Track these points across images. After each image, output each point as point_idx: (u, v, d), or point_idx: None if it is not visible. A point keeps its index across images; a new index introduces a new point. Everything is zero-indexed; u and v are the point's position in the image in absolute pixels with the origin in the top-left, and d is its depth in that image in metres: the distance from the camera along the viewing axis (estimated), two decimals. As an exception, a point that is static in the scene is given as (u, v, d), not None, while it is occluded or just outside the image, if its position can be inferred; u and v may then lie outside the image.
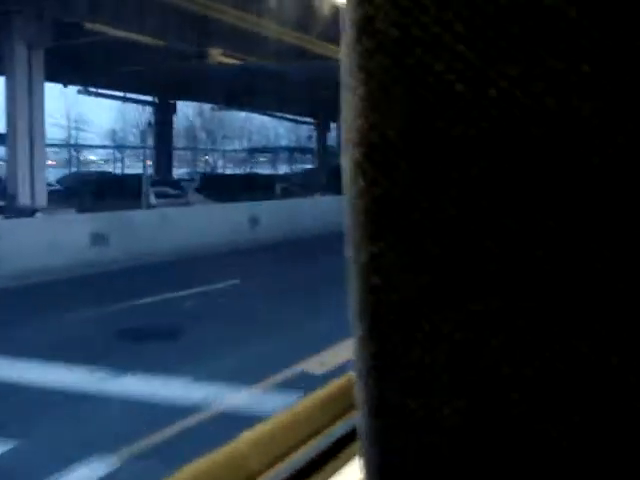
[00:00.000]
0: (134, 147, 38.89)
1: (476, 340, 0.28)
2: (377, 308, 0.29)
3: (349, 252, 0.30)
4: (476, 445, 0.28)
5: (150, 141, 28.97)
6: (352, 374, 0.32)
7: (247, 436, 0.81)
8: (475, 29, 0.26)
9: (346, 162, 0.30)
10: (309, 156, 39.27)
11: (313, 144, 36.37)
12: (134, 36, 16.69)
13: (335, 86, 0.31)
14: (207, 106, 37.41)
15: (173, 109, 30.78)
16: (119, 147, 41.26)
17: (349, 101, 0.29)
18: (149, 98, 30.51)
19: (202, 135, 44.86)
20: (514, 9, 0.25)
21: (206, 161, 45.31)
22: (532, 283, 0.27)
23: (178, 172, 35.43)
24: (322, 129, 33.85)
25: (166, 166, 30.06)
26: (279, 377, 6.17)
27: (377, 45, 0.28)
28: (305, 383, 5.51)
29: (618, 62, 0.25)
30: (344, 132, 0.30)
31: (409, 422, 0.29)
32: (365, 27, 0.28)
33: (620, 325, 0.26)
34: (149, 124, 29.86)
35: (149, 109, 32.28)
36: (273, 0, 15.92)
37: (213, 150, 44.91)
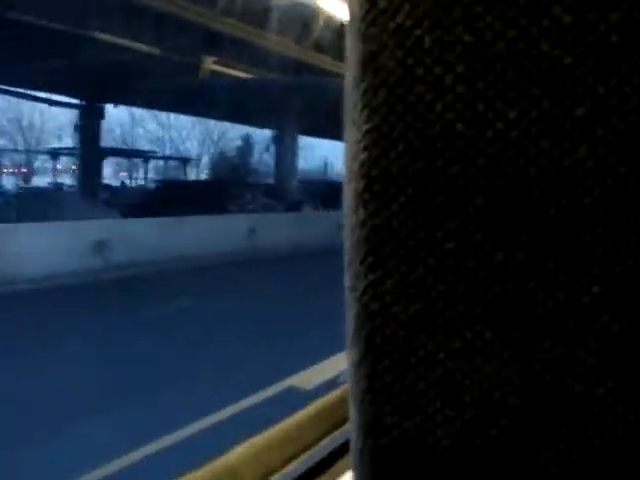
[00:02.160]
0: None
1: (469, 367, 0.29)
2: (374, 333, 0.30)
3: (347, 279, 0.31)
4: (466, 468, 0.29)
5: None
6: (344, 388, 0.33)
7: (239, 450, 0.81)
8: (475, 72, 0.27)
9: (348, 193, 0.31)
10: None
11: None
12: None
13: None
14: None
15: None
16: None
17: (353, 135, 0.30)
18: None
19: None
20: (512, 54, 0.27)
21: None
22: (523, 314, 0.28)
23: None
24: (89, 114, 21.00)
25: None
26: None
27: (381, 82, 0.29)
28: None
29: (609, 107, 0.26)
30: (346, 164, 0.31)
31: (402, 444, 0.30)
32: (369, 64, 0.29)
33: (606, 356, 0.27)
34: None
35: None
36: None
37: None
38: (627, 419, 0.27)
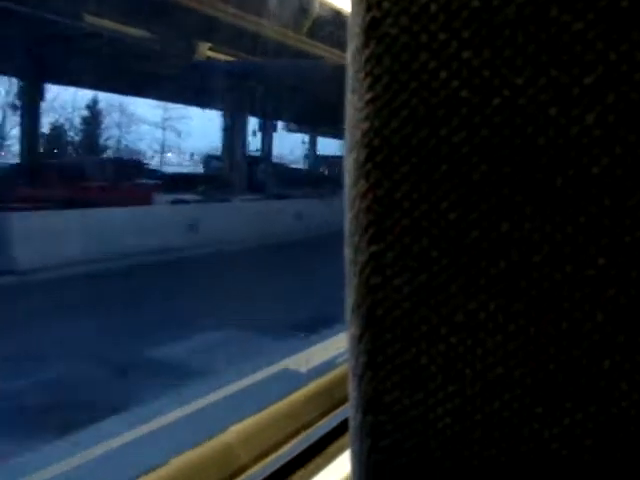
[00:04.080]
0: None
1: (471, 341, 0.28)
2: (375, 307, 0.30)
3: (348, 252, 0.31)
4: (467, 445, 0.29)
5: None
6: (343, 368, 0.33)
7: (235, 429, 0.81)
8: (482, 37, 0.26)
9: (348, 164, 0.30)
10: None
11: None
12: None
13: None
14: None
15: None
16: None
17: (354, 104, 0.29)
18: None
19: None
20: (520, 20, 0.26)
21: None
22: (527, 287, 0.27)
23: None
24: None
25: None
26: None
27: (384, 49, 0.28)
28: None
29: (620, 74, 0.25)
30: (348, 134, 0.30)
31: (401, 420, 0.30)
32: (373, 31, 0.28)
33: (613, 330, 0.27)
34: None
35: None
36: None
37: None
38: (631, 395, 0.27)
